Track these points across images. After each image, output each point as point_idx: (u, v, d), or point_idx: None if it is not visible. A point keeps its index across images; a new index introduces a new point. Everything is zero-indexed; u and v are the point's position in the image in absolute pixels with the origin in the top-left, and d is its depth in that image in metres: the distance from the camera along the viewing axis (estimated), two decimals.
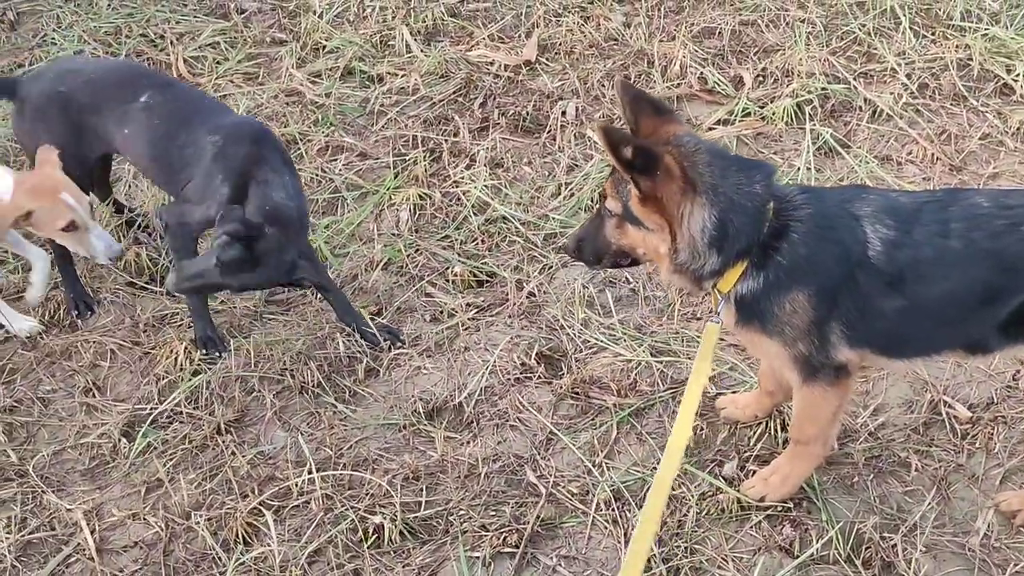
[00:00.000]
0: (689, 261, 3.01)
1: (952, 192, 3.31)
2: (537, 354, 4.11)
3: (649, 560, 3.34)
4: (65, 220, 3.93)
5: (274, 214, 3.85)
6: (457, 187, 4.97)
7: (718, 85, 5.54)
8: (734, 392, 3.90)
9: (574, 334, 4.21)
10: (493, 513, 3.57)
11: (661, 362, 4.04)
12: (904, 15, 5.84)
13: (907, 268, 2.97)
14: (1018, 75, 5.37)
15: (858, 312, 3.04)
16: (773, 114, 5.27)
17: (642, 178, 2.89)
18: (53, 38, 6.13)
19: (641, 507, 3.47)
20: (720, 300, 3.09)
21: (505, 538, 3.47)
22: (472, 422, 3.91)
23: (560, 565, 3.42)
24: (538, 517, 3.53)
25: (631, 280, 4.42)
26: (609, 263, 3.27)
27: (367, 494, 3.64)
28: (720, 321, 3.12)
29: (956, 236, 2.96)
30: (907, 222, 2.99)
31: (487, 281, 4.53)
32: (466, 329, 4.27)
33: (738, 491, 3.52)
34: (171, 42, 6.06)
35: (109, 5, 6.41)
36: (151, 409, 4.00)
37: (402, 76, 5.75)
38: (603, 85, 5.58)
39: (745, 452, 3.68)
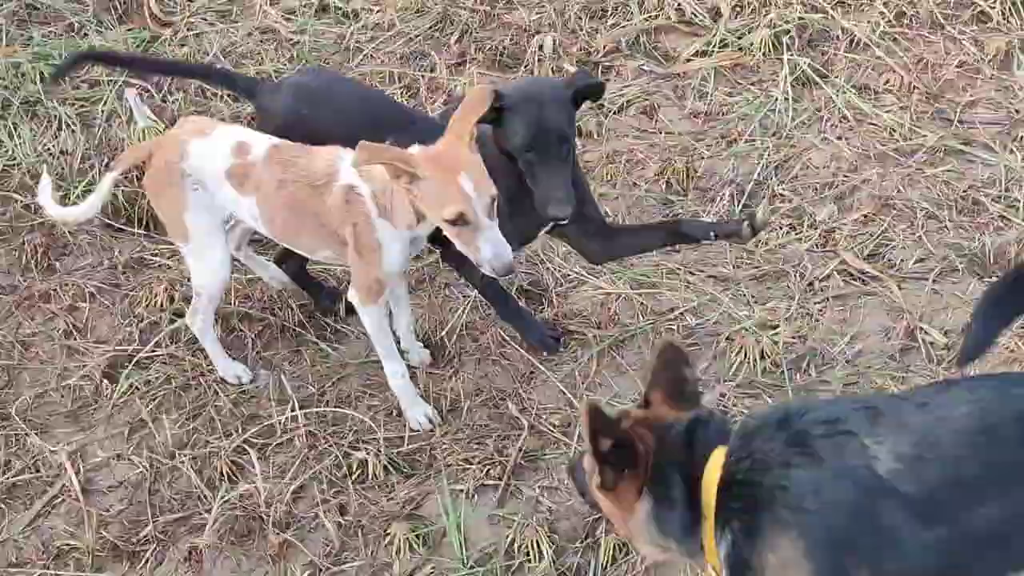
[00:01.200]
0: (652, 546, 2.56)
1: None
2: (518, 288, 4.12)
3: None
4: (453, 209, 3.11)
5: None
6: None
7: (695, 16, 5.50)
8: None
9: (554, 268, 4.22)
10: (476, 446, 3.61)
11: (640, 294, 4.06)
12: None
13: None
14: (995, 2, 5.35)
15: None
16: (751, 45, 5.25)
17: (609, 472, 2.45)
18: None
19: None
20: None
21: (488, 471, 3.51)
22: (454, 357, 3.93)
23: (543, 496, 3.46)
24: (520, 449, 3.57)
25: (610, 214, 4.42)
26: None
27: (350, 430, 3.67)
28: None
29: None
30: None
31: None
32: (447, 266, 4.27)
33: None
34: None
35: None
36: (133, 351, 4.00)
37: (377, 12, 5.69)
38: (580, 18, 5.52)
39: None
